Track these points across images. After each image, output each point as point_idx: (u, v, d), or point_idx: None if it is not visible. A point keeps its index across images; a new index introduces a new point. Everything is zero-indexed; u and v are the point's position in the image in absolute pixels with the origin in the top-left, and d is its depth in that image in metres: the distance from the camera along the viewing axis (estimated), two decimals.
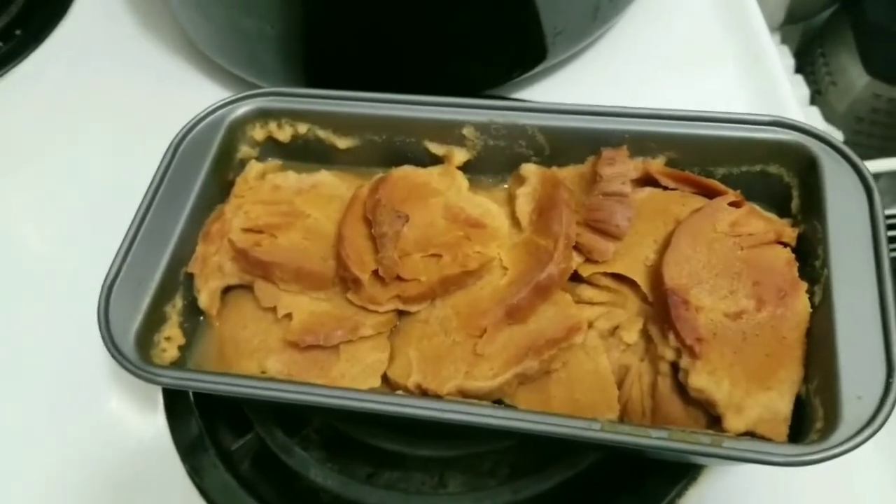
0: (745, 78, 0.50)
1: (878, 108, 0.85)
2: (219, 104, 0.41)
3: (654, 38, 0.53)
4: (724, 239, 0.35)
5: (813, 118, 0.82)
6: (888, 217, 0.90)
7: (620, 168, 0.37)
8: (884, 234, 0.34)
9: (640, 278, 0.35)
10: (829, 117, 0.86)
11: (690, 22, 0.53)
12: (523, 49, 0.49)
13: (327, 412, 0.37)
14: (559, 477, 0.37)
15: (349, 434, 0.40)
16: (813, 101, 0.84)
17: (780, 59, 0.51)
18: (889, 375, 0.30)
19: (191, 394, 0.41)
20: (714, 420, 0.32)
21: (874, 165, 0.83)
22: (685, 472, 0.37)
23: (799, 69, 0.87)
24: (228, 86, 0.53)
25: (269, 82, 0.50)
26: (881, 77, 0.83)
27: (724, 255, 0.34)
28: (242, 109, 0.41)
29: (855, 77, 0.85)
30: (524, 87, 0.52)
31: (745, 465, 0.37)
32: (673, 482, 0.37)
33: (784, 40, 0.89)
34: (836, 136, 0.82)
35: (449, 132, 0.40)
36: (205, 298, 0.38)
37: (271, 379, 0.34)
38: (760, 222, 0.36)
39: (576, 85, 0.52)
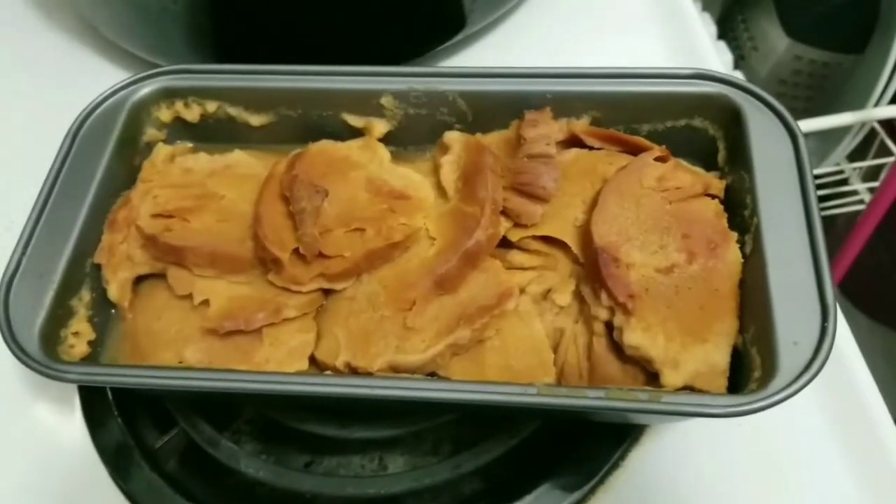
0: (668, 40, 0.50)
1: (799, 70, 0.86)
2: (119, 85, 0.38)
3: (576, 3, 0.52)
4: (651, 194, 0.34)
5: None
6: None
7: (544, 130, 0.36)
8: (810, 180, 0.33)
9: (570, 239, 0.34)
10: (752, 81, 0.87)
11: None
12: (442, 17, 0.47)
13: (252, 399, 0.35)
14: (501, 448, 0.36)
15: (283, 423, 0.38)
16: (736, 67, 0.85)
17: (697, 16, 0.50)
18: (824, 320, 0.30)
19: (109, 392, 0.38)
20: (652, 377, 0.31)
21: (802, 125, 0.84)
22: (627, 433, 0.36)
23: (722, 35, 0.88)
24: (134, 70, 0.50)
25: (177, 63, 0.47)
26: (801, 39, 0.84)
27: (652, 210, 0.34)
28: (145, 90, 0.39)
29: (775, 40, 0.86)
30: (446, 57, 0.51)
31: (687, 422, 0.37)
32: (615, 444, 0.36)
33: (706, 7, 0.89)
34: None
35: (367, 103, 0.39)
36: (114, 290, 0.35)
37: (188, 368, 0.32)
38: (687, 175, 0.35)
39: (498, 52, 0.51)
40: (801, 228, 0.32)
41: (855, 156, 0.94)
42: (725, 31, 0.91)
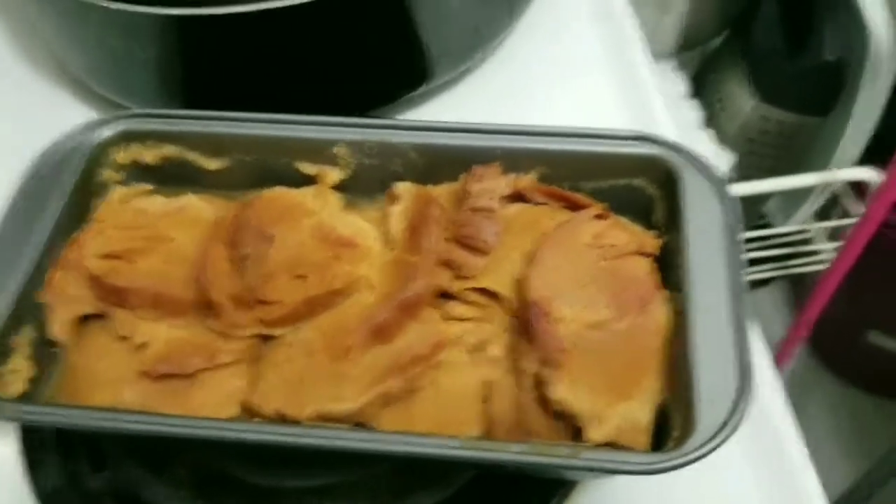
0: (622, 98, 0.51)
1: (766, 130, 0.88)
2: (80, 127, 0.39)
3: (538, 59, 0.54)
4: (587, 251, 0.35)
5: (708, 141, 0.85)
6: (775, 236, 0.94)
7: (489, 184, 0.37)
8: (738, 243, 0.34)
9: (507, 292, 0.35)
10: (722, 139, 0.89)
11: (572, 44, 0.54)
12: (406, 70, 0.49)
13: (177, 443, 0.35)
14: (436, 498, 0.37)
15: (219, 469, 0.38)
16: (708, 124, 0.87)
17: (651, 78, 0.52)
18: (742, 380, 0.31)
19: (47, 431, 0.38)
20: (579, 432, 0.32)
21: (766, 185, 0.86)
22: (558, 487, 0.37)
23: (696, 93, 0.90)
24: (103, 110, 0.51)
25: (145, 106, 0.48)
26: (767, 100, 0.86)
27: (586, 266, 0.35)
28: (105, 132, 0.40)
29: (744, 100, 0.88)
30: (410, 108, 0.52)
31: (616, 478, 0.37)
32: (546, 498, 0.36)
33: (681, 66, 0.92)
34: (727, 156, 0.86)
35: (321, 151, 0.40)
36: (57, 328, 0.36)
37: (113, 410, 0.32)
38: (623, 234, 0.36)
39: (461, 105, 0.52)
40: (726, 290, 0.33)
41: (822, 215, 0.96)
42: (699, 88, 0.93)
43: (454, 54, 0.49)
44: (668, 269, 0.35)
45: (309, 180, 0.40)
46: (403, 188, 0.39)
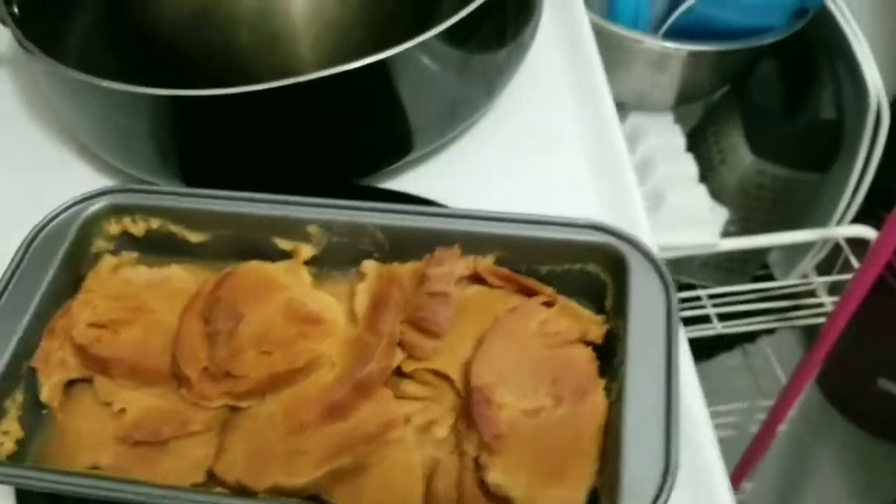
0: (597, 176, 0.53)
1: (763, 185, 0.89)
2: (73, 201, 0.43)
3: (517, 133, 0.56)
4: (532, 338, 0.37)
5: (700, 194, 0.86)
6: (777, 288, 0.95)
7: (447, 268, 0.40)
8: (676, 332, 0.36)
9: (456, 375, 0.37)
10: (719, 193, 0.91)
11: (551, 119, 0.56)
12: (386, 145, 0.52)
13: None
14: None
15: None
16: (704, 179, 0.89)
17: (627, 157, 0.53)
18: (665, 474, 0.32)
19: None
20: None
21: (763, 240, 0.87)
22: None
23: (692, 147, 0.92)
24: (110, 176, 0.55)
25: (147, 175, 0.52)
26: (765, 156, 0.87)
27: (530, 354, 0.37)
28: (97, 205, 0.43)
29: (743, 155, 0.89)
30: (394, 177, 0.54)
31: None
32: None
33: (679, 119, 0.94)
34: (722, 211, 0.87)
35: (295, 229, 0.42)
36: (46, 392, 0.39)
37: (84, 475, 0.35)
38: (567, 322, 0.38)
39: (441, 175, 0.54)
40: (661, 381, 0.35)
41: (825, 267, 0.97)
42: (698, 142, 0.95)
43: (432, 131, 0.52)
44: (609, 356, 0.37)
45: (285, 255, 0.43)
46: (369, 266, 0.42)
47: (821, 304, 0.95)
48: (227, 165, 0.51)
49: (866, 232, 0.82)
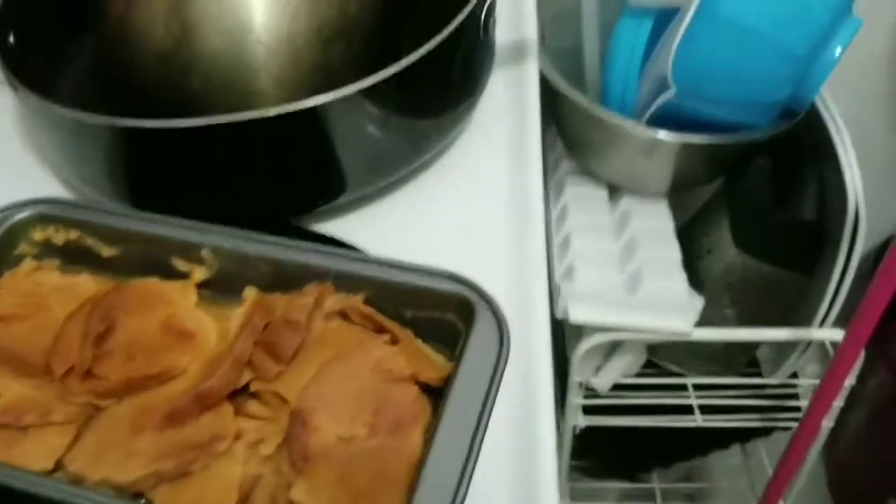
0: (513, 247, 0.55)
1: (747, 279, 0.89)
2: (3, 207, 0.47)
3: (449, 192, 0.59)
4: (366, 372, 0.39)
5: (679, 282, 0.86)
6: (766, 386, 0.93)
7: (306, 300, 0.42)
8: (497, 385, 0.38)
9: (294, 399, 0.39)
10: (705, 283, 0.90)
11: (482, 185, 0.59)
12: (312, 187, 0.55)
13: None
14: None
15: None
16: (690, 267, 0.89)
17: (543, 257, 0.55)
18: None
19: None
20: None
21: (741, 334, 0.86)
22: None
23: (684, 234, 0.92)
24: (71, 190, 0.60)
25: (102, 196, 0.57)
26: (748, 250, 0.87)
27: (360, 386, 0.39)
28: (25, 213, 0.47)
29: (728, 247, 0.89)
30: (325, 220, 0.58)
31: None
32: None
33: (676, 206, 0.95)
34: (697, 301, 0.87)
35: (190, 251, 0.46)
36: None
37: None
38: (402, 361, 0.40)
39: (371, 223, 0.57)
40: (471, 429, 0.36)
41: (816, 369, 0.95)
42: (689, 230, 0.95)
43: (356, 180, 0.55)
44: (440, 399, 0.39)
45: (184, 276, 0.47)
46: (249, 293, 0.45)
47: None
48: (165, 192, 0.55)
49: (838, 335, 0.80)
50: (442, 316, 0.43)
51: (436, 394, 0.40)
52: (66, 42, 0.65)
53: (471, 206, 0.58)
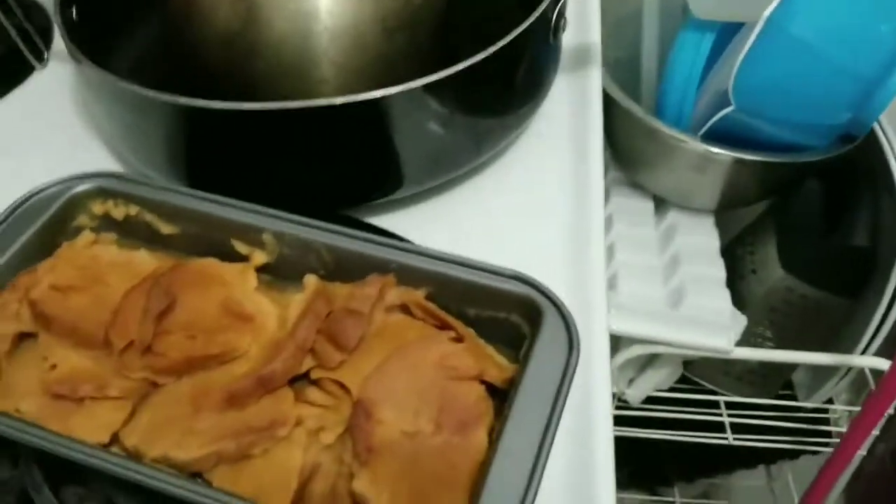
0: (571, 252, 0.54)
1: (790, 302, 0.88)
2: (65, 178, 0.47)
3: (506, 193, 0.58)
4: (430, 367, 0.39)
5: (723, 300, 0.85)
6: (799, 409, 0.91)
7: (369, 291, 0.42)
8: (566, 390, 0.37)
9: (356, 389, 0.39)
10: (747, 303, 0.89)
11: (541, 188, 0.58)
12: (370, 181, 0.55)
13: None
14: None
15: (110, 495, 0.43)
16: (733, 286, 0.88)
17: (602, 261, 0.54)
18: None
19: None
20: None
21: (781, 355, 0.85)
22: None
23: (727, 253, 0.91)
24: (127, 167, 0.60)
25: (159, 175, 0.56)
26: (794, 273, 0.86)
27: (424, 381, 0.38)
28: (86, 185, 0.47)
29: (773, 269, 0.88)
30: (379, 213, 0.57)
31: None
32: None
33: (721, 224, 0.93)
34: (740, 321, 0.85)
35: (252, 235, 0.45)
36: None
37: None
38: (468, 359, 0.39)
39: (426, 219, 0.56)
40: (539, 434, 0.35)
41: (852, 396, 0.93)
42: (734, 249, 0.94)
43: (415, 176, 0.54)
44: (504, 401, 0.38)
45: (243, 258, 0.46)
46: (310, 280, 0.44)
47: (840, 434, 0.91)
48: (220, 174, 0.54)
49: (882, 364, 0.79)
50: (506, 317, 0.42)
51: (497, 395, 0.40)
52: (128, 19, 0.65)
53: (529, 209, 0.57)
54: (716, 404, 0.94)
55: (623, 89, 0.83)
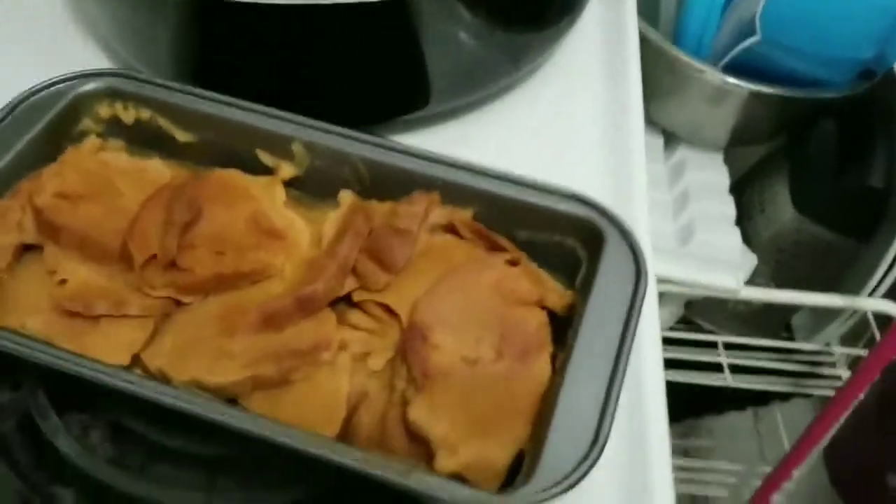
0: (608, 176, 0.51)
1: (799, 242, 0.86)
2: (69, 75, 0.42)
3: (540, 112, 0.54)
4: (486, 291, 0.35)
5: (733, 238, 0.83)
6: (797, 352, 0.91)
7: (416, 208, 0.38)
8: (636, 317, 0.34)
9: (404, 314, 0.36)
10: (753, 242, 0.87)
11: (576, 107, 0.55)
12: (403, 92, 0.50)
13: (69, 382, 0.37)
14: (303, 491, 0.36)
15: (123, 423, 0.39)
16: (740, 225, 0.86)
17: (643, 167, 0.51)
18: (591, 448, 0.30)
19: None
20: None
21: (785, 296, 0.83)
22: None
23: (736, 191, 0.89)
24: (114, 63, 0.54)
25: (156, 73, 0.51)
26: (805, 213, 0.84)
27: (481, 305, 0.35)
28: (91, 84, 0.43)
29: (784, 209, 0.86)
30: (405, 132, 0.53)
31: None
32: None
33: (729, 162, 0.91)
34: (751, 258, 0.84)
35: (280, 145, 0.41)
36: None
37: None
38: (526, 284, 0.36)
39: (455, 139, 0.53)
40: (609, 362, 0.33)
41: (852, 340, 0.93)
42: (742, 187, 0.92)
43: (449, 88, 0.50)
44: (566, 327, 0.35)
45: (267, 171, 0.42)
46: (345, 196, 0.40)
47: (838, 377, 0.91)
48: (232, 78, 0.49)
49: (891, 308, 0.78)
50: (560, 240, 0.39)
51: (555, 323, 0.37)
52: None
53: (560, 127, 0.54)
54: (714, 345, 0.94)
55: (640, 15, 0.79)
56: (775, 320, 0.94)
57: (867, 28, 0.73)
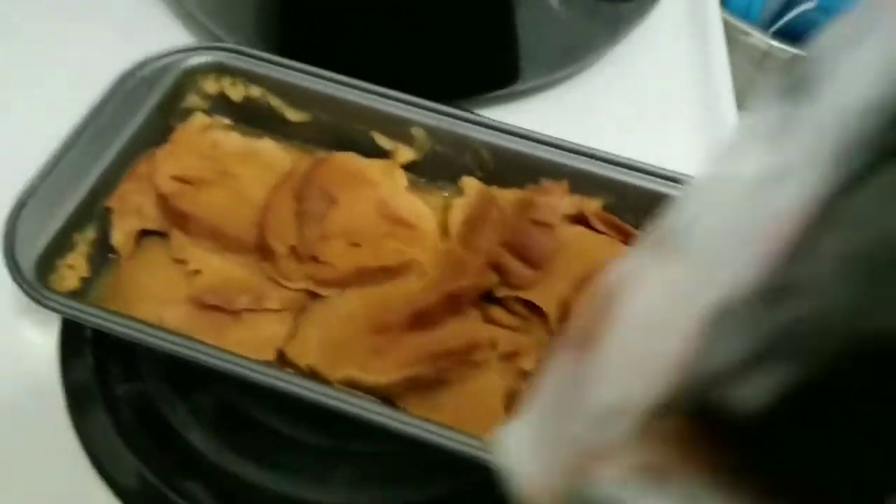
0: (702, 148, 0.51)
1: None
2: (176, 49, 0.40)
3: (630, 85, 0.54)
4: None
5: None
6: None
7: (554, 200, 0.38)
8: None
9: (551, 311, 0.35)
10: None
11: (664, 81, 0.54)
12: (495, 68, 0.49)
13: (204, 371, 0.36)
14: (445, 490, 0.37)
15: (243, 409, 0.39)
16: None
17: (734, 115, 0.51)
18: None
19: (88, 329, 0.39)
20: None
21: None
22: None
23: None
24: (199, 38, 0.52)
25: (239, 41, 0.49)
26: None
27: None
28: (200, 59, 0.41)
29: None
30: (495, 106, 0.52)
31: None
32: None
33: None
34: None
35: (399, 128, 0.40)
36: (118, 236, 0.37)
37: (151, 325, 0.33)
38: None
39: (546, 114, 0.52)
40: None
41: None
42: None
43: (545, 63, 0.49)
44: None
45: (382, 154, 0.41)
46: (470, 183, 0.40)
47: None
48: (320, 51, 0.48)
49: None
50: None
51: None
52: None
53: (651, 100, 0.53)
54: None
55: None
56: None
57: None
